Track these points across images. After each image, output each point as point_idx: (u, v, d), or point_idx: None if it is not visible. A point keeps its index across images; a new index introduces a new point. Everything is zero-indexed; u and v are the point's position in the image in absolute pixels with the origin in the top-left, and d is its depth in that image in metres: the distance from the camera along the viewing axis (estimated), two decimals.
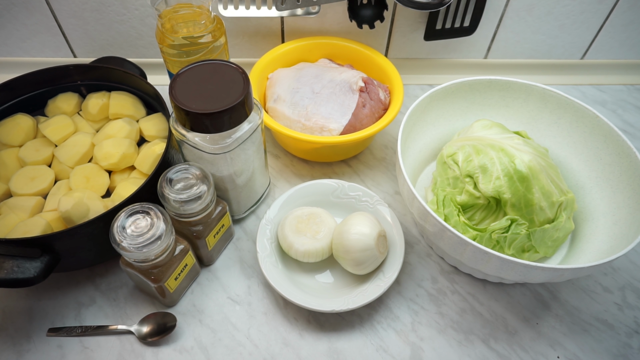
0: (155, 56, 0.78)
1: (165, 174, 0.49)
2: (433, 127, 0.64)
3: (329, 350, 0.51)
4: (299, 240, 0.54)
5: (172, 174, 0.49)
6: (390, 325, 0.53)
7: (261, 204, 0.63)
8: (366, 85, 0.64)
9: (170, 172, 0.49)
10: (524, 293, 0.56)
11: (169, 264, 0.48)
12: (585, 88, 0.83)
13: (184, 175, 0.49)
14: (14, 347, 0.51)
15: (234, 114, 0.47)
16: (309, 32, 0.75)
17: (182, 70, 0.49)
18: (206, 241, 0.53)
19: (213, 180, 0.51)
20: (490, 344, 0.52)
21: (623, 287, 0.57)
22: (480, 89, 0.64)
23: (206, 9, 0.59)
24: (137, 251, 0.44)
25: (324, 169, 0.68)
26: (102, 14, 0.72)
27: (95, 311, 0.53)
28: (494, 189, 0.51)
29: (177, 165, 0.50)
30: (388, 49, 0.79)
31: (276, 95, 0.65)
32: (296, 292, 0.52)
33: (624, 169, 0.55)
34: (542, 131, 0.64)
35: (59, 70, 0.61)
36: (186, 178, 0.49)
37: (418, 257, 0.59)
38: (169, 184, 0.48)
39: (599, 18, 0.75)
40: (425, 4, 0.67)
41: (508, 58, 0.81)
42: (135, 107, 0.62)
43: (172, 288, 0.51)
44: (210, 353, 0.51)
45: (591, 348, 0.52)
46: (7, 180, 0.56)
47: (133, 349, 0.51)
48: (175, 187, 0.48)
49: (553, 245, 0.55)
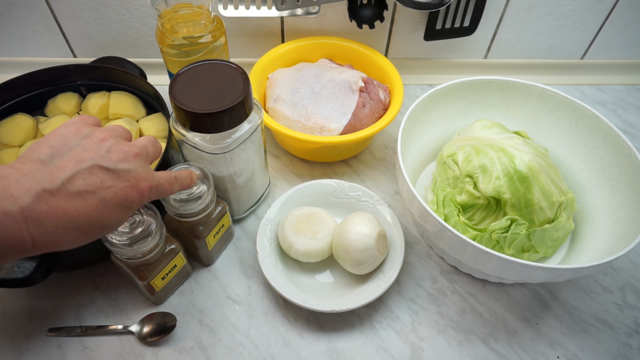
0: (155, 56, 0.78)
1: None
2: (433, 127, 0.64)
3: (329, 350, 0.51)
4: (299, 240, 0.54)
5: None
6: (390, 325, 0.53)
7: (261, 204, 0.63)
8: (366, 85, 0.64)
9: None
10: (524, 293, 0.56)
11: (156, 262, 0.49)
12: (585, 88, 0.83)
13: None
14: (14, 347, 0.51)
15: (233, 114, 0.47)
16: (309, 32, 0.75)
17: (182, 70, 0.49)
18: (206, 241, 0.53)
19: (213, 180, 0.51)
20: (490, 344, 0.52)
21: (623, 287, 0.57)
22: (480, 89, 0.64)
23: (206, 9, 0.59)
24: (126, 248, 0.44)
25: (324, 169, 0.68)
26: (102, 14, 0.72)
27: (95, 311, 0.53)
28: (494, 189, 0.51)
29: (177, 165, 0.50)
30: (388, 49, 0.79)
31: (276, 95, 0.65)
32: (296, 292, 0.52)
33: (624, 169, 0.55)
34: (542, 131, 0.64)
35: (58, 70, 0.61)
36: None
37: (418, 257, 0.59)
38: None
39: (599, 18, 0.75)
40: (425, 4, 0.67)
41: (508, 58, 0.81)
42: (135, 107, 0.62)
43: (159, 287, 0.51)
44: (210, 353, 0.51)
45: (591, 348, 0.52)
46: None
47: (133, 349, 0.51)
48: None
49: (553, 245, 0.55)
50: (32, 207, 0.31)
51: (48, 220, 0.32)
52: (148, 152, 0.40)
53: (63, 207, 0.33)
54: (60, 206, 0.33)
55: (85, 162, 0.35)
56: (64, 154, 0.35)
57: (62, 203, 0.33)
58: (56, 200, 0.33)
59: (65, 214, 0.33)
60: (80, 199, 0.34)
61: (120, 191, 0.36)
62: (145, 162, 0.39)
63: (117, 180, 0.36)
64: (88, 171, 0.34)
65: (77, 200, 0.34)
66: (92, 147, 0.36)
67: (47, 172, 0.33)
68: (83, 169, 0.34)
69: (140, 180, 0.37)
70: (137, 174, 0.37)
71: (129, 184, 0.36)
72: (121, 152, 0.37)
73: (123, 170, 0.36)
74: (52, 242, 0.33)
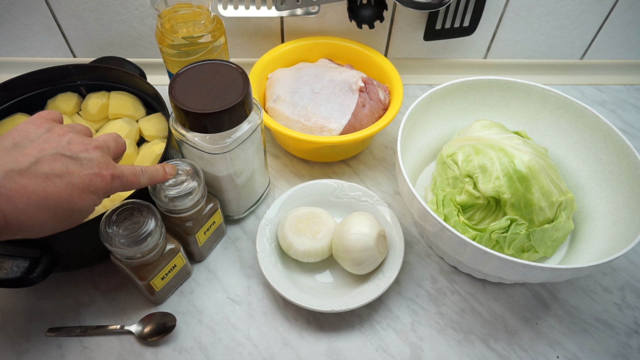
0: (155, 56, 0.78)
1: None
2: (433, 127, 0.64)
3: (329, 350, 0.51)
4: (299, 240, 0.54)
5: None
6: (390, 325, 0.53)
7: (261, 204, 0.63)
8: (366, 85, 0.64)
9: None
10: (523, 293, 0.56)
11: (156, 262, 0.49)
12: (585, 88, 0.83)
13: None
14: (14, 347, 0.51)
15: (233, 114, 0.47)
16: (309, 32, 0.75)
17: (182, 70, 0.49)
18: (196, 237, 0.53)
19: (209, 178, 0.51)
20: (489, 344, 0.52)
21: (622, 287, 0.57)
22: (480, 89, 0.64)
23: (206, 9, 0.59)
24: (126, 248, 0.44)
25: (323, 169, 0.68)
26: (101, 14, 0.72)
27: (94, 311, 0.53)
28: (494, 189, 0.51)
29: (168, 162, 0.50)
30: (388, 49, 0.79)
31: (276, 95, 0.65)
32: (296, 292, 0.52)
33: (624, 169, 0.55)
34: (542, 131, 0.64)
35: (58, 70, 0.61)
36: (177, 174, 0.49)
37: (418, 257, 0.59)
38: None
39: (599, 18, 0.76)
40: (425, 4, 0.67)
41: (508, 58, 0.81)
42: (134, 107, 0.62)
43: (158, 287, 0.51)
44: (210, 353, 0.51)
45: (591, 348, 0.52)
46: None
47: (133, 349, 0.51)
48: (166, 183, 0.48)
49: (553, 245, 0.55)
50: (2, 184, 0.33)
51: (18, 197, 0.33)
52: (109, 146, 0.41)
53: (32, 186, 0.34)
54: (29, 185, 0.34)
55: (47, 150, 0.36)
56: (26, 145, 0.36)
57: (30, 182, 0.34)
58: (24, 180, 0.34)
59: (35, 192, 0.34)
60: (48, 181, 0.35)
61: (86, 177, 0.37)
62: (106, 154, 0.40)
63: (81, 167, 0.37)
64: (52, 157, 0.36)
65: (44, 181, 0.35)
66: (53, 139, 0.37)
67: (13, 157, 0.35)
68: (47, 156, 0.36)
69: (103, 168, 0.39)
70: (100, 162, 0.39)
71: (93, 171, 0.38)
72: (81, 144, 0.38)
73: (85, 158, 0.38)
74: (24, 220, 0.34)
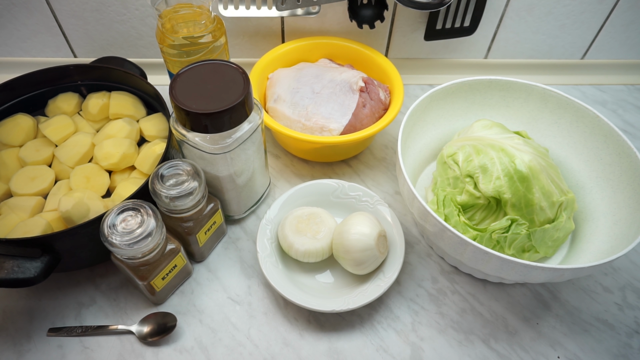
0: (156, 56, 0.78)
1: (157, 170, 0.49)
2: (433, 127, 0.64)
3: (329, 350, 0.51)
4: (299, 240, 0.54)
5: (163, 170, 0.49)
6: (391, 325, 0.53)
7: (261, 204, 0.63)
8: (366, 85, 0.64)
9: (162, 168, 0.49)
10: (524, 293, 0.56)
11: (157, 262, 0.49)
12: (586, 88, 0.83)
13: (175, 172, 0.49)
14: (14, 347, 0.51)
15: (234, 114, 0.47)
16: (309, 32, 0.75)
17: (182, 70, 0.49)
18: (197, 237, 0.53)
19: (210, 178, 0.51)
20: (490, 344, 0.52)
21: (623, 287, 0.57)
22: (481, 89, 0.64)
23: (206, 9, 0.59)
24: (126, 248, 0.44)
25: (324, 169, 0.68)
26: (102, 14, 0.72)
27: (95, 311, 0.53)
28: (494, 189, 0.51)
29: (168, 162, 0.50)
30: (388, 49, 0.79)
31: (276, 95, 0.65)
32: (296, 292, 0.52)
33: (624, 169, 0.55)
34: (543, 131, 0.64)
35: (59, 70, 0.62)
36: (177, 174, 0.49)
37: (418, 257, 0.59)
38: (160, 180, 0.48)
39: (599, 18, 0.75)
40: (426, 4, 0.67)
41: (508, 58, 0.81)
42: (135, 107, 0.62)
43: (159, 287, 0.51)
44: (210, 353, 0.51)
45: (591, 348, 0.52)
46: (8, 180, 0.56)
47: (133, 349, 0.51)
48: (167, 183, 0.48)
49: (553, 245, 0.55)
50: None
51: None
52: None
53: None
54: None
55: None
56: None
57: None
58: None
59: None
60: None
61: None
62: None
63: None
64: None
65: None
66: None
67: None
68: None
69: None
70: None
71: None
72: None
73: None
74: None
